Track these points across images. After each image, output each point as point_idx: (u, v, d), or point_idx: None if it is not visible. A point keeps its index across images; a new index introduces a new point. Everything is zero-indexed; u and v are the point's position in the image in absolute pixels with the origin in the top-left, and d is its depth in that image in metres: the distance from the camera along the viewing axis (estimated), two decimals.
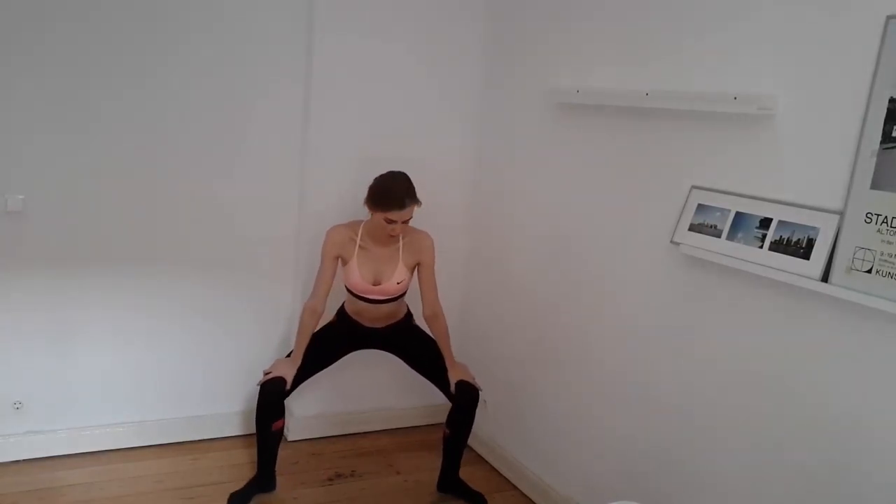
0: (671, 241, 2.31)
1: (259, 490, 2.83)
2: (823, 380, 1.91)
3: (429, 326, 2.93)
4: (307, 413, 3.34)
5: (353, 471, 3.12)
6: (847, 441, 1.85)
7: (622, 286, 2.57)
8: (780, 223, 1.98)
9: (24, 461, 2.90)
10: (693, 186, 2.27)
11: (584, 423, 2.75)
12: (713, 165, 2.22)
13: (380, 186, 2.71)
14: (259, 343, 3.23)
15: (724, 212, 2.14)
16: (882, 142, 1.75)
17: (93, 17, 2.71)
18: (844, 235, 1.83)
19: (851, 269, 1.81)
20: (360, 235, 2.79)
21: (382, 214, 2.68)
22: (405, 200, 2.66)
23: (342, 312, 2.95)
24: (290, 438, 3.28)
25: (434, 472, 3.01)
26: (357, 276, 2.79)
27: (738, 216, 2.09)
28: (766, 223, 2.01)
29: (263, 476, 2.84)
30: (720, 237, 2.13)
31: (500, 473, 3.21)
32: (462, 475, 2.97)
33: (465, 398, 2.79)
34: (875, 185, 1.77)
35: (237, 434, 3.27)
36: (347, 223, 2.86)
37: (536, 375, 3.02)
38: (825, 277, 1.86)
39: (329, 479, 3.04)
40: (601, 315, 2.67)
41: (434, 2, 3.20)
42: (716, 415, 2.21)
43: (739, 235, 2.08)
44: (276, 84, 3.05)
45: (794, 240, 1.94)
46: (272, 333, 3.27)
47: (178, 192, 2.97)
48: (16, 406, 2.87)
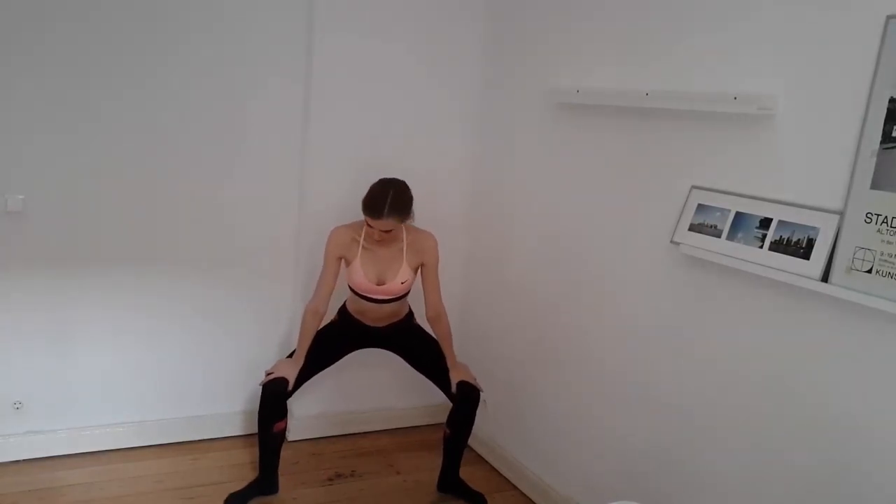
0: (671, 241, 2.31)
1: (260, 492, 2.82)
2: (823, 380, 1.91)
3: (432, 327, 2.93)
4: (308, 413, 3.34)
5: (353, 471, 3.12)
6: (847, 441, 1.85)
7: (622, 286, 2.57)
8: (780, 223, 1.98)
9: (24, 461, 2.90)
10: (693, 186, 2.27)
11: (584, 423, 2.75)
12: (713, 165, 2.22)
13: (370, 191, 2.71)
14: (259, 343, 3.24)
15: (724, 212, 2.14)
16: (882, 142, 1.75)
17: (93, 18, 2.71)
18: (844, 235, 1.83)
19: (851, 269, 1.81)
20: (363, 236, 2.79)
21: (365, 217, 2.70)
22: (383, 211, 2.64)
23: (344, 311, 2.95)
24: (291, 438, 3.28)
25: (434, 472, 3.01)
26: (361, 276, 2.78)
27: (738, 216, 2.09)
28: (766, 223, 2.01)
29: (265, 478, 2.83)
30: (720, 237, 2.13)
31: (500, 473, 3.21)
32: (462, 475, 2.97)
33: (467, 398, 2.79)
34: (875, 185, 1.77)
35: (237, 434, 3.27)
36: (350, 224, 2.86)
37: (536, 375, 3.02)
38: (825, 277, 1.86)
39: (329, 479, 3.04)
40: (601, 315, 2.67)
41: (434, 2, 3.20)
42: (716, 415, 2.22)
43: (739, 235, 2.08)
44: (276, 84, 3.05)
45: (794, 240, 1.93)
46: (272, 333, 3.27)
47: (178, 192, 2.97)
48: (16, 406, 2.87)
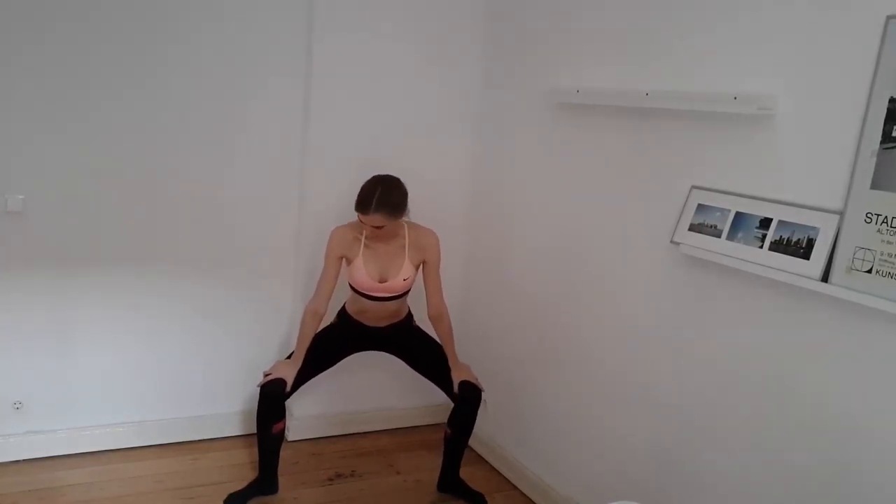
0: (671, 241, 2.31)
1: (260, 492, 2.83)
2: (823, 380, 1.91)
3: (433, 327, 2.93)
4: (307, 413, 3.34)
5: (353, 471, 3.12)
6: (847, 441, 1.85)
7: (622, 286, 2.57)
8: (780, 223, 1.98)
9: (24, 461, 2.90)
10: (693, 186, 2.27)
11: (584, 423, 2.75)
12: (713, 165, 2.22)
13: (361, 187, 2.71)
14: (259, 343, 3.24)
15: (724, 212, 2.14)
16: (882, 142, 1.75)
17: (92, 18, 2.71)
18: (844, 235, 1.83)
19: (851, 269, 1.81)
20: (365, 234, 2.79)
21: (357, 213, 2.69)
22: (371, 207, 2.63)
23: (343, 313, 2.94)
24: (291, 438, 3.28)
25: (434, 472, 3.01)
26: (363, 274, 2.78)
27: (738, 216, 2.09)
28: (766, 223, 2.01)
29: (265, 479, 2.83)
30: (720, 237, 2.13)
31: (500, 473, 3.21)
32: (462, 475, 2.97)
33: (468, 399, 2.79)
34: (875, 185, 1.77)
35: (237, 434, 3.28)
36: (351, 223, 2.85)
37: (536, 375, 3.01)
38: (825, 277, 1.86)
39: (329, 479, 3.04)
40: (601, 315, 2.67)
41: (434, 2, 3.20)
42: (716, 415, 2.21)
43: (739, 235, 2.08)
44: (277, 84, 3.05)
45: (794, 240, 1.93)
46: (272, 333, 3.27)
47: (178, 192, 2.97)
48: (16, 406, 2.88)
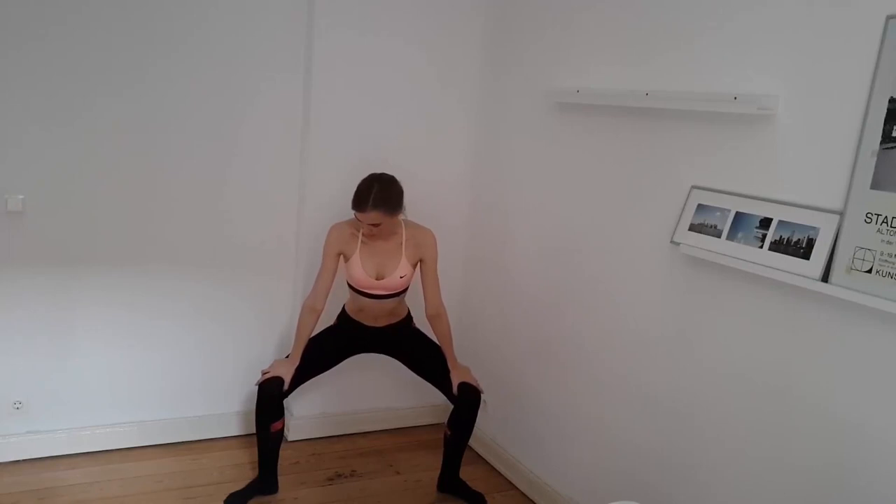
0: (671, 241, 2.31)
1: (260, 492, 2.83)
2: (823, 379, 1.91)
3: (431, 326, 2.93)
4: (307, 413, 3.34)
5: (353, 471, 3.12)
6: (847, 441, 1.85)
7: (622, 286, 2.57)
8: (780, 223, 1.98)
9: (24, 461, 2.90)
10: (693, 186, 2.27)
11: (585, 423, 2.75)
12: (713, 165, 2.22)
13: (359, 184, 2.71)
14: (259, 343, 3.24)
15: (724, 212, 2.14)
16: (882, 142, 1.75)
17: (91, 16, 2.70)
18: (844, 235, 1.83)
19: (851, 269, 1.81)
20: (362, 231, 2.79)
21: (353, 211, 2.70)
22: (367, 204, 2.63)
23: (343, 315, 2.95)
24: (290, 438, 3.28)
25: (434, 472, 3.01)
26: (360, 271, 2.78)
27: (738, 216, 2.09)
28: (766, 223, 2.01)
29: (265, 478, 2.84)
30: (720, 237, 2.13)
31: (500, 473, 3.21)
32: (462, 475, 2.97)
33: (467, 401, 2.79)
34: (875, 185, 1.77)
35: (237, 434, 3.28)
36: (349, 220, 2.85)
37: (536, 375, 3.01)
38: (825, 277, 1.86)
39: (329, 479, 3.04)
40: (601, 315, 2.67)
41: (434, 2, 3.20)
42: (715, 414, 2.21)
43: (739, 235, 2.08)
44: (277, 84, 3.05)
45: (794, 240, 1.93)
46: (272, 333, 3.27)
47: (178, 192, 2.97)
48: (16, 406, 2.88)
